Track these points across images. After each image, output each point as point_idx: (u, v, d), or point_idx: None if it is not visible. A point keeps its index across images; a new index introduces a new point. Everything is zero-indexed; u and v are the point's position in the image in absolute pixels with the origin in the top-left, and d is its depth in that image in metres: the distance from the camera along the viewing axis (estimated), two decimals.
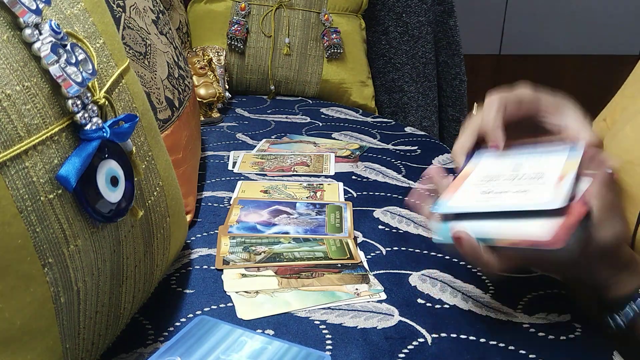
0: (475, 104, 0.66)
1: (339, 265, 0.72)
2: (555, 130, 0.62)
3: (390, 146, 1.16)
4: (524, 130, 0.63)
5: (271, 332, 0.60)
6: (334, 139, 1.20)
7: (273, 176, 0.99)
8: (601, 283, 0.57)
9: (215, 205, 0.88)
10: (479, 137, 0.63)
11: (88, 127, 0.45)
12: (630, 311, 0.55)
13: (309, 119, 1.33)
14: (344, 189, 0.94)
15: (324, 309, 0.64)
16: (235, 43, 1.48)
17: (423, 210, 0.60)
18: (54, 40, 0.44)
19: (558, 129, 0.62)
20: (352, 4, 1.53)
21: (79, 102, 0.45)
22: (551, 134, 0.63)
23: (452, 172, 0.68)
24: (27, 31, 0.43)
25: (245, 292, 0.66)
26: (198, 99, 1.22)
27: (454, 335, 0.60)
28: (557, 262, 0.56)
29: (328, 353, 0.57)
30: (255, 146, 1.14)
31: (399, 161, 1.08)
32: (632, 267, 0.56)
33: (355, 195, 0.93)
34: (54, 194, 0.43)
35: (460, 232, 0.54)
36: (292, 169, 1.01)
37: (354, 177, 0.99)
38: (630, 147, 0.62)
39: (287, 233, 0.79)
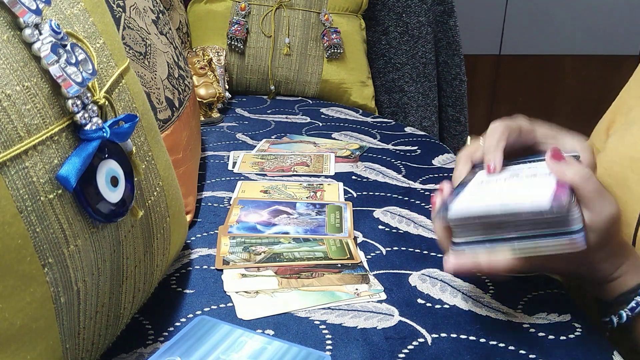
0: (468, 137, 0.67)
1: (339, 265, 0.72)
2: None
3: (390, 146, 1.16)
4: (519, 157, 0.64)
5: (271, 332, 0.60)
6: (334, 139, 1.20)
7: (273, 176, 0.99)
8: (603, 278, 0.57)
9: (215, 205, 0.88)
10: (474, 164, 0.64)
11: (88, 127, 0.45)
12: (636, 304, 0.55)
13: (309, 119, 1.33)
14: (344, 189, 0.94)
15: (324, 309, 0.64)
16: (235, 43, 1.48)
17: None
18: (54, 40, 0.44)
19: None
20: (352, 4, 1.53)
21: (79, 102, 0.45)
22: None
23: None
24: (27, 31, 0.43)
25: (245, 292, 0.66)
26: (198, 99, 1.22)
27: (454, 335, 0.60)
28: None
29: (328, 353, 0.57)
30: (255, 146, 1.14)
31: (399, 161, 1.08)
32: (633, 260, 0.56)
33: (355, 195, 0.93)
34: (54, 194, 0.43)
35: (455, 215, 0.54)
36: (292, 169, 1.01)
37: (354, 177, 0.99)
38: (636, 143, 0.63)
39: (287, 233, 0.79)
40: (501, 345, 0.59)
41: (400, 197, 0.92)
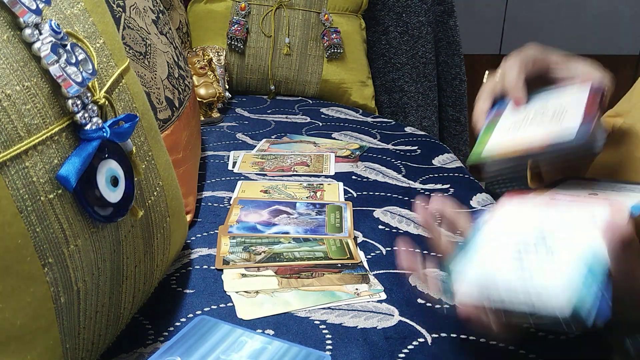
0: (486, 71, 0.66)
1: (339, 265, 0.72)
2: (566, 82, 0.63)
3: (390, 146, 1.16)
4: (536, 87, 0.64)
5: (271, 332, 0.60)
6: (334, 139, 1.20)
7: (273, 176, 0.99)
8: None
9: (215, 205, 0.88)
10: (496, 98, 0.63)
11: (88, 127, 0.45)
12: None
13: (309, 119, 1.33)
14: (344, 189, 0.94)
15: (324, 309, 0.64)
16: (235, 43, 1.48)
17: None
18: (54, 40, 0.44)
19: (569, 79, 0.63)
20: (352, 4, 1.53)
21: (79, 102, 0.45)
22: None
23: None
24: (27, 31, 0.43)
25: (245, 292, 0.66)
26: (198, 99, 1.22)
27: (454, 335, 0.60)
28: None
29: (328, 353, 0.57)
30: (255, 146, 1.14)
31: (399, 161, 1.08)
32: None
33: (355, 195, 0.93)
34: (54, 194, 0.43)
35: (465, 301, 0.48)
36: (292, 169, 1.01)
37: (354, 177, 0.99)
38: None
39: (287, 233, 0.79)
40: (501, 345, 0.59)
41: (400, 197, 0.92)
